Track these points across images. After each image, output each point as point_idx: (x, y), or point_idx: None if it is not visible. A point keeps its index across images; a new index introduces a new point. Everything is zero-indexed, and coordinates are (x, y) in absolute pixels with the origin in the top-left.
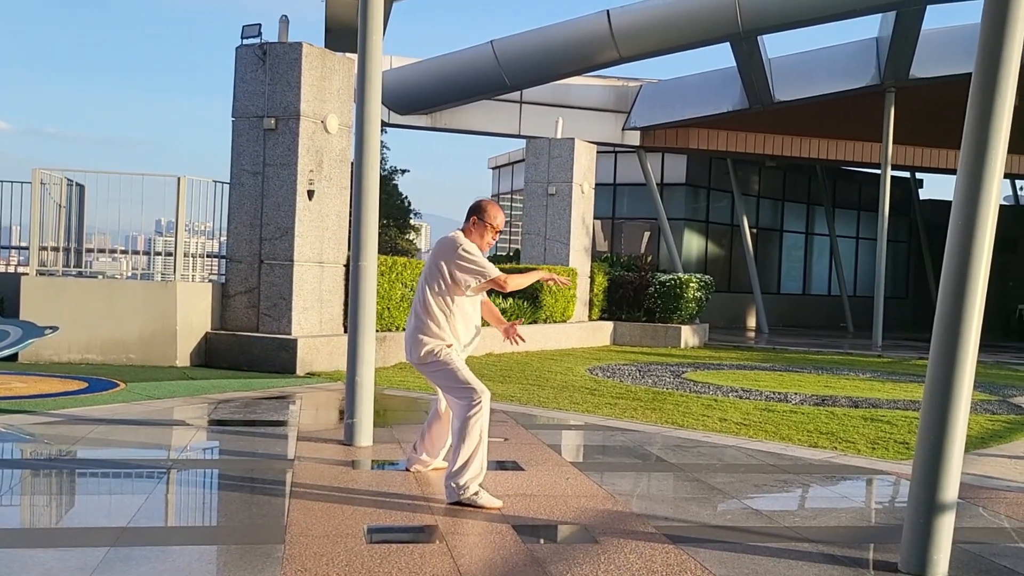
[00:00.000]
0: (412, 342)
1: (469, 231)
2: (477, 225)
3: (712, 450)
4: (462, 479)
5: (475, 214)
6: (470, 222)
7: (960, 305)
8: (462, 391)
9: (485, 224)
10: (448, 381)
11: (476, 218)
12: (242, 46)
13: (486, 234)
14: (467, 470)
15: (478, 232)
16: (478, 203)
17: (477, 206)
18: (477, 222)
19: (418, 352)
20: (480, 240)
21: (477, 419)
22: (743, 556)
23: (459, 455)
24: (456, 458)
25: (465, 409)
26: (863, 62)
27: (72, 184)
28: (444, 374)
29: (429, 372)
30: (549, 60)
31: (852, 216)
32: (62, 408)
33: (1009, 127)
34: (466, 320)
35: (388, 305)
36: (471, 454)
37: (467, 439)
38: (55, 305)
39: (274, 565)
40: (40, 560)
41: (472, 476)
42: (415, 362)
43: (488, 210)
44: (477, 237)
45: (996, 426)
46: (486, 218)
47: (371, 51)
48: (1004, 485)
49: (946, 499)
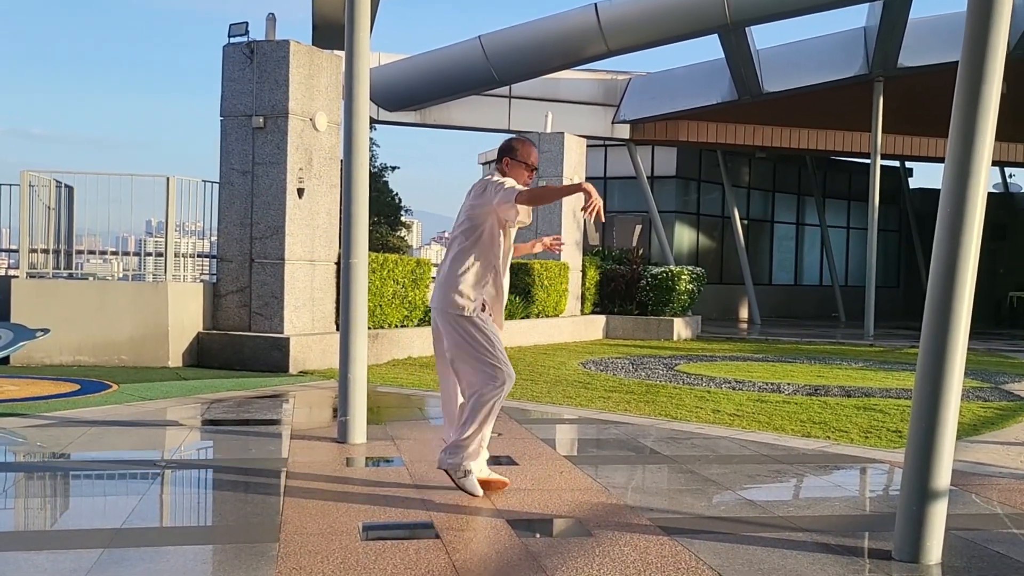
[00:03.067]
0: (444, 291)
1: (503, 172)
2: (511, 165)
3: (706, 442)
4: (458, 456)
5: (507, 155)
6: (502, 163)
7: (950, 293)
8: (489, 367)
9: (520, 164)
10: (476, 351)
11: (508, 158)
12: (229, 44)
13: (521, 174)
14: (465, 448)
15: (513, 173)
16: (507, 142)
17: (507, 146)
18: (510, 162)
19: (451, 302)
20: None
21: (493, 400)
22: (737, 547)
23: (464, 430)
24: (461, 431)
25: (485, 386)
26: (851, 52)
27: (61, 186)
28: (473, 342)
29: (455, 331)
30: (537, 54)
31: (842, 206)
32: (54, 410)
33: (996, 114)
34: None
35: (380, 302)
36: (473, 432)
37: (477, 417)
38: (46, 307)
39: (269, 563)
40: (34, 562)
41: (468, 455)
42: (444, 311)
43: (519, 148)
44: (513, 179)
45: (988, 413)
46: (519, 156)
47: (359, 48)
48: (996, 472)
49: (939, 487)
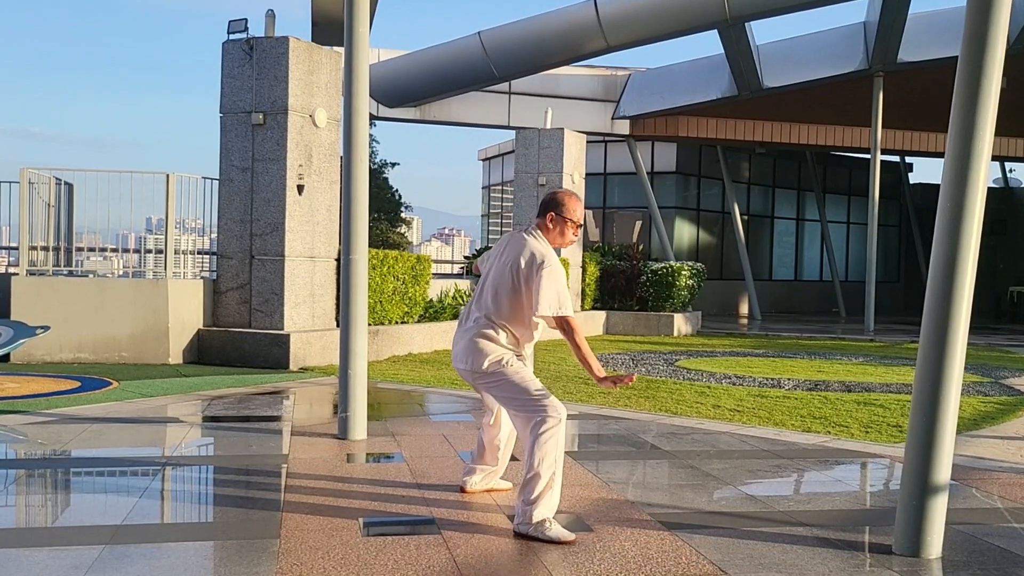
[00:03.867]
0: (471, 349)
1: (546, 228)
2: (556, 221)
3: (706, 437)
4: (536, 513)
5: (552, 209)
6: (547, 218)
7: (950, 288)
8: (534, 405)
9: (565, 220)
10: (516, 393)
11: (554, 214)
12: (229, 41)
13: (567, 231)
14: (542, 502)
15: (557, 230)
16: (553, 196)
17: (553, 199)
18: (555, 218)
19: (480, 361)
20: (561, 239)
21: (551, 436)
22: (738, 541)
23: (534, 483)
24: (530, 486)
25: (537, 425)
26: (851, 47)
27: (61, 183)
28: (511, 387)
29: (491, 384)
30: (537, 50)
31: (843, 201)
32: (55, 408)
33: (996, 109)
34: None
35: (380, 298)
36: (548, 481)
37: (544, 461)
38: (46, 305)
39: (270, 559)
40: (35, 559)
41: (549, 509)
42: (474, 370)
43: (566, 203)
44: (557, 236)
45: (988, 408)
46: (565, 213)
47: (358, 44)
48: (997, 466)
49: (939, 481)
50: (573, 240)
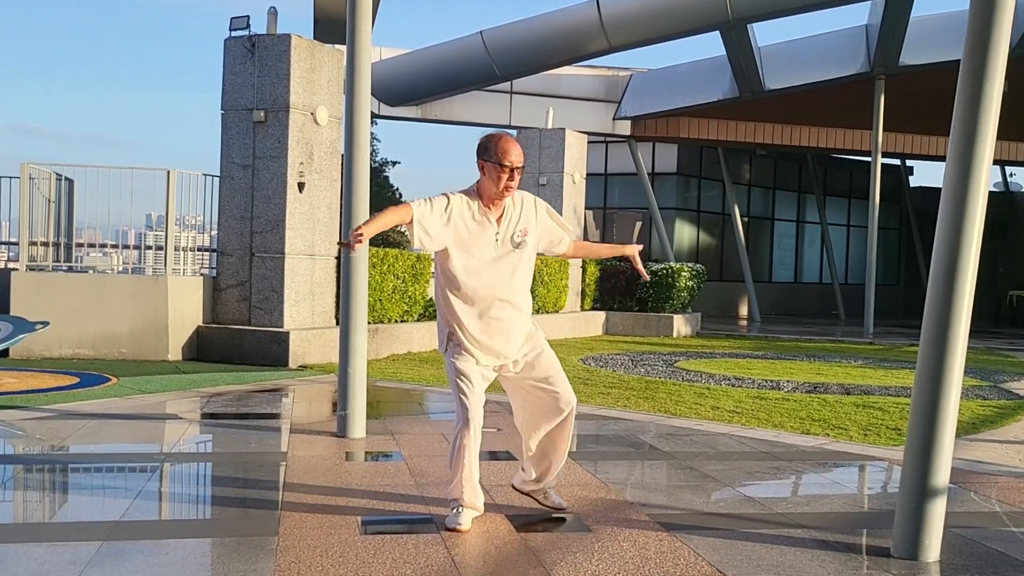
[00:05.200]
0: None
1: (481, 181)
2: (486, 169)
3: (705, 438)
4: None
5: (479, 156)
6: (478, 166)
7: (950, 291)
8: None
9: (495, 166)
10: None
11: (482, 161)
12: (230, 38)
13: (501, 177)
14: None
15: (491, 178)
16: (480, 142)
17: (479, 145)
18: (485, 165)
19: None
20: (495, 187)
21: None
22: (736, 543)
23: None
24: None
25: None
26: (853, 50)
27: (61, 179)
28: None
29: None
30: (539, 50)
31: (843, 204)
32: (54, 403)
33: (998, 114)
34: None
35: (380, 297)
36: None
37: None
38: (45, 300)
39: (268, 557)
40: (33, 555)
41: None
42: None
43: (489, 146)
44: (491, 184)
45: (987, 411)
46: (489, 156)
47: (360, 42)
48: (995, 470)
49: (938, 484)
50: (511, 187)
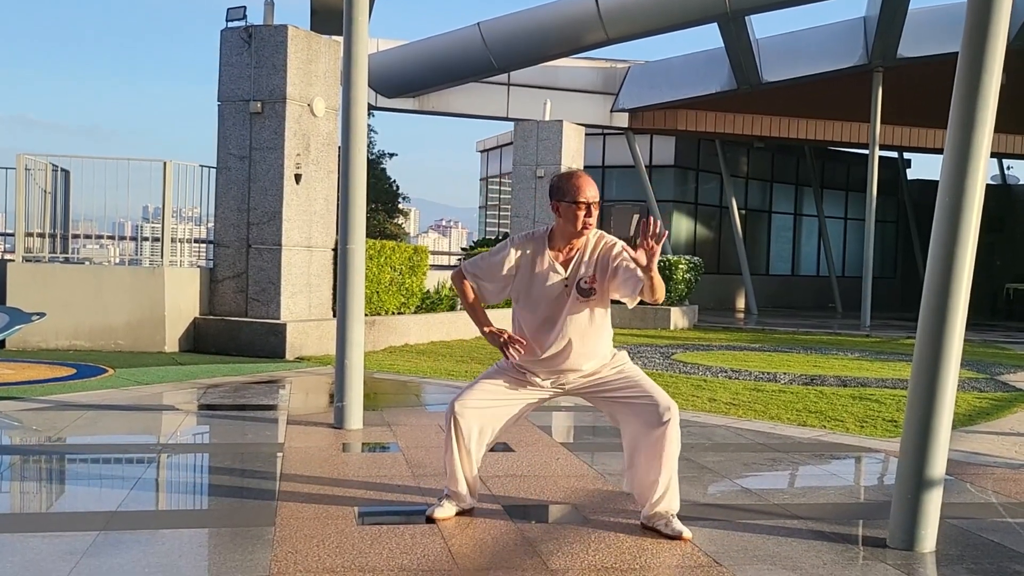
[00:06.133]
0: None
1: (557, 222)
2: (562, 210)
3: (702, 430)
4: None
5: (553, 197)
6: (553, 208)
7: (947, 284)
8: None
9: (570, 205)
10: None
11: (556, 202)
12: (227, 29)
13: (577, 216)
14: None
15: (567, 219)
16: (552, 183)
17: (552, 187)
18: (559, 206)
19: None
20: (573, 226)
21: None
22: (733, 534)
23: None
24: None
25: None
26: (851, 42)
27: (57, 170)
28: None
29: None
30: (537, 42)
31: (840, 197)
32: (50, 394)
33: (996, 106)
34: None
35: (377, 289)
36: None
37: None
38: (42, 291)
39: (264, 547)
40: (29, 545)
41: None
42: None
43: (562, 186)
44: (568, 225)
45: (984, 403)
46: (565, 196)
47: (357, 33)
48: (992, 461)
49: (934, 475)
50: (590, 224)
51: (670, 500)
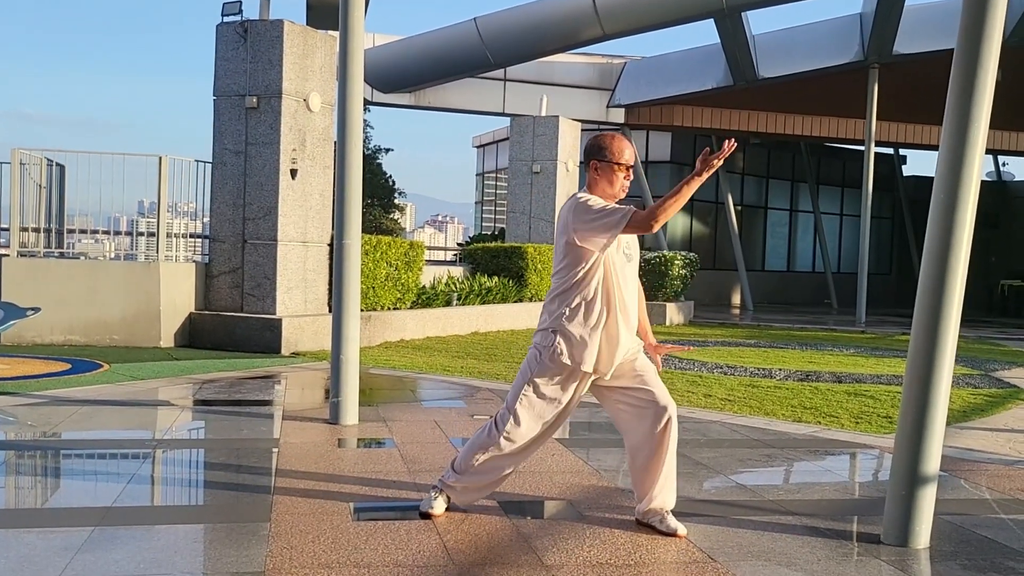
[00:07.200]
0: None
1: (594, 180)
2: (600, 169)
3: (697, 426)
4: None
5: (593, 156)
6: (591, 168)
7: (942, 280)
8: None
9: (610, 164)
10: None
11: (596, 160)
12: (223, 24)
13: (616, 179)
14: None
15: (605, 179)
16: (592, 141)
17: (593, 145)
18: (599, 165)
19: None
20: (611, 188)
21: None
22: (728, 530)
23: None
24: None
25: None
26: (847, 38)
27: (52, 164)
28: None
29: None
30: (533, 37)
31: (836, 193)
32: (45, 389)
33: (991, 103)
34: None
35: (373, 284)
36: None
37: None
38: (37, 286)
39: (260, 543)
40: (24, 540)
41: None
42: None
43: (607, 145)
44: (606, 186)
45: (978, 400)
46: (608, 156)
47: (353, 28)
48: (986, 458)
49: (928, 472)
50: (626, 187)
51: (665, 497)
